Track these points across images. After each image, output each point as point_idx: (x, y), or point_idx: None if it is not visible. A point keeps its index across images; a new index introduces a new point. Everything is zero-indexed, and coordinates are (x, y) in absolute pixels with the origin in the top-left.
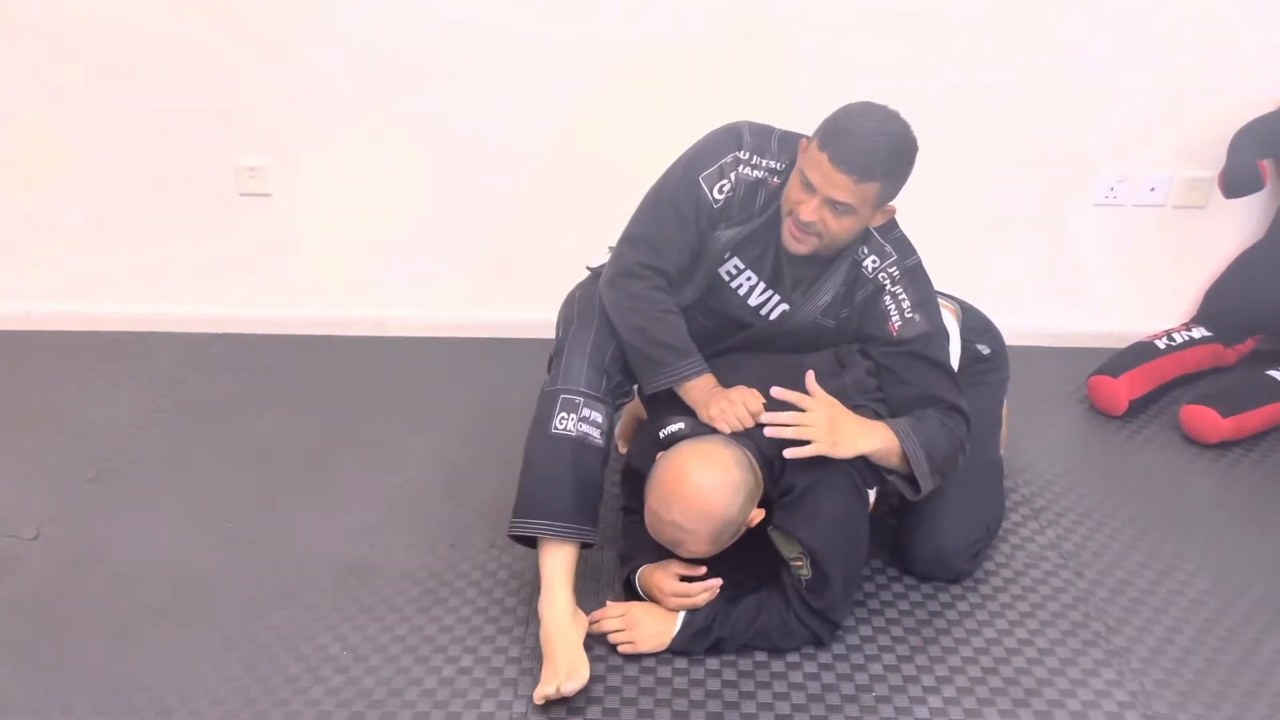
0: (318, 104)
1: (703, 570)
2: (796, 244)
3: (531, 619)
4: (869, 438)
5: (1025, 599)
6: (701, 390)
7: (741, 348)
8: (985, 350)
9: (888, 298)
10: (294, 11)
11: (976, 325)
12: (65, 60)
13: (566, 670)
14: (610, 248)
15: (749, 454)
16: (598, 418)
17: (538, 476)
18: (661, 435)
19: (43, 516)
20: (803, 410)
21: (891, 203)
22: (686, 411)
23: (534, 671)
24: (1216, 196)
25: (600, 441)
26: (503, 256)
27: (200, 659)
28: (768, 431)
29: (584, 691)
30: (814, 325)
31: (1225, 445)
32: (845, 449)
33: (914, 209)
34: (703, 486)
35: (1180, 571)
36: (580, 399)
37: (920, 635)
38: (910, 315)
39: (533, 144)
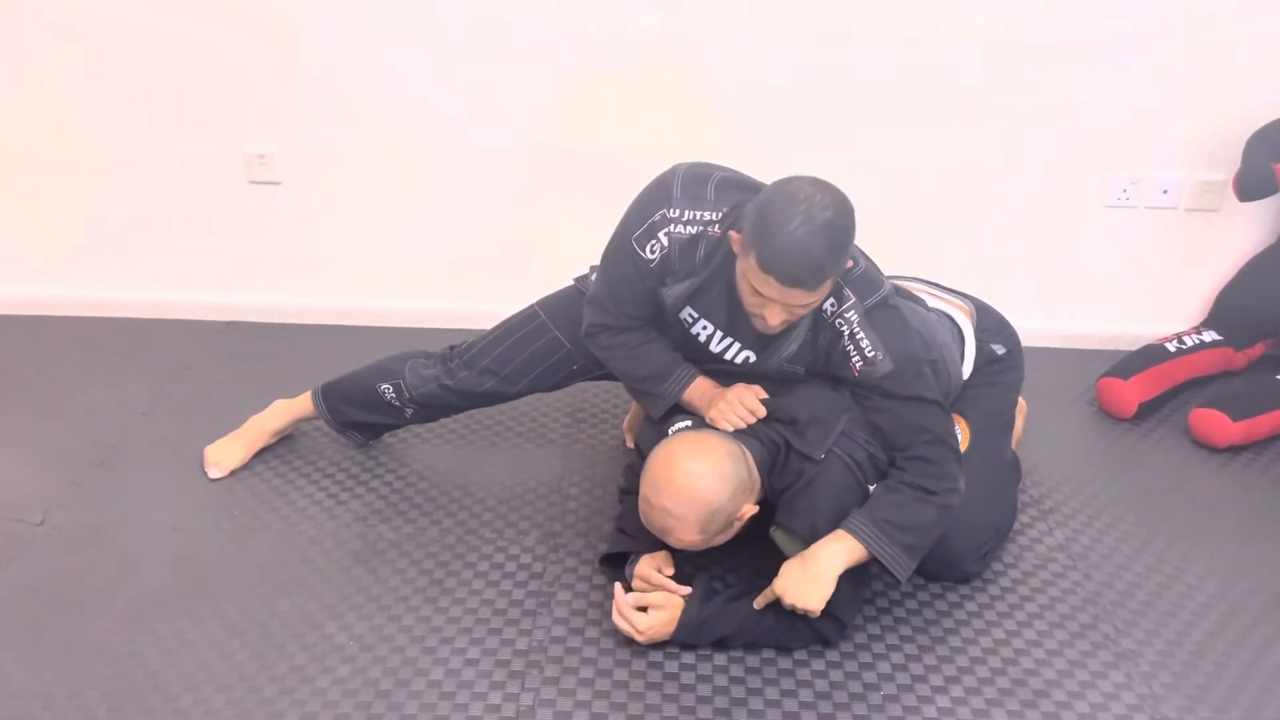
0: (328, 92)
1: (669, 570)
2: (769, 329)
3: (540, 612)
4: (839, 557)
5: (1034, 600)
6: (700, 395)
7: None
8: (1000, 350)
9: (848, 343)
10: (303, 1)
11: (991, 325)
12: (73, 47)
13: (225, 456)
14: (592, 267)
15: (745, 450)
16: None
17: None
18: (670, 432)
19: (50, 501)
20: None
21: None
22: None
23: (541, 665)
24: (1229, 199)
25: None
26: (513, 247)
27: (206, 646)
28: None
29: (590, 685)
30: (783, 372)
31: (1234, 449)
32: (814, 599)
33: (926, 210)
34: (692, 473)
35: (1189, 574)
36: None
37: (928, 634)
38: (871, 355)
39: (543, 136)
